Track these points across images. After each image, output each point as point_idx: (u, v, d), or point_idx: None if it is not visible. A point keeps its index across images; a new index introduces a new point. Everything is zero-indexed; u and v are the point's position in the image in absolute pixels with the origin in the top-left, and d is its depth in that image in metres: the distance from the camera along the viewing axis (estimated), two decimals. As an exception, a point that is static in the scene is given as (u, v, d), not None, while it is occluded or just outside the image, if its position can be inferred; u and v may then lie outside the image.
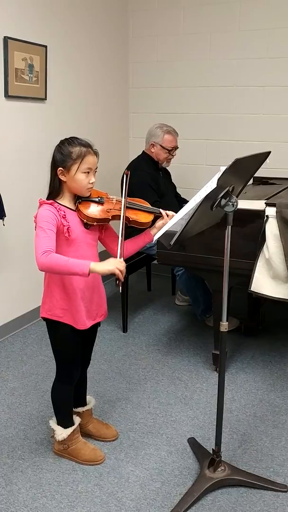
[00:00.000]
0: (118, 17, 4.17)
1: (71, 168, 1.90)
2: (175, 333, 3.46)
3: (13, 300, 3.38)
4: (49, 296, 2.02)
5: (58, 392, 2.18)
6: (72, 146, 1.91)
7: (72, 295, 1.98)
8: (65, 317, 2.01)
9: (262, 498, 2.00)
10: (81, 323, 2.02)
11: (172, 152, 3.59)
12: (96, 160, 1.95)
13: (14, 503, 1.96)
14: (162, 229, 1.99)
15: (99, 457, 2.18)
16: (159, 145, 3.53)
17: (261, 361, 3.06)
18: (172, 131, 3.56)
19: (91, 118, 3.96)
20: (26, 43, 3.13)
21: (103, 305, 2.14)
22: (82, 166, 1.90)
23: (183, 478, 2.10)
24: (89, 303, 2.04)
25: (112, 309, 3.67)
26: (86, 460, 2.17)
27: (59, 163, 1.91)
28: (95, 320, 2.10)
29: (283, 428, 2.43)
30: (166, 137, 3.53)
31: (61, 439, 2.16)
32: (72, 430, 2.17)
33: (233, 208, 1.81)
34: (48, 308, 2.02)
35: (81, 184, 1.93)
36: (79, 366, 2.16)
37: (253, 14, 3.81)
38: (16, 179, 3.25)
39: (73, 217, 1.95)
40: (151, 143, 3.56)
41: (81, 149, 1.90)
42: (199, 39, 4.05)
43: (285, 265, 2.47)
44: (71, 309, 2.00)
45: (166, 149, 3.54)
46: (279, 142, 3.88)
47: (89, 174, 1.93)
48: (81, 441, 2.21)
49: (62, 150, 1.91)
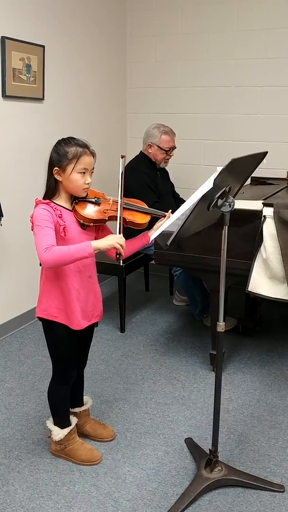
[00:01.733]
0: (116, 17, 4.17)
1: (67, 168, 1.90)
2: (173, 333, 3.46)
3: (10, 300, 3.38)
4: (45, 296, 2.02)
5: (54, 393, 2.17)
6: (69, 146, 1.91)
7: (67, 295, 1.98)
8: (60, 317, 2.01)
9: (259, 498, 2.00)
10: (76, 323, 2.02)
11: (170, 152, 3.58)
12: (92, 160, 1.94)
13: (11, 504, 1.96)
14: (159, 229, 1.99)
15: (96, 457, 2.18)
16: (156, 146, 3.53)
17: (258, 361, 3.06)
18: (169, 132, 3.55)
19: (89, 118, 3.96)
20: (24, 43, 3.13)
21: (99, 306, 2.13)
22: (78, 166, 1.90)
23: (180, 478, 2.10)
24: (84, 304, 2.04)
25: (109, 309, 3.69)
26: (83, 460, 2.16)
27: (55, 162, 1.92)
28: (90, 321, 2.09)
29: (280, 429, 2.43)
30: (163, 138, 3.52)
31: (57, 439, 2.16)
32: (69, 431, 2.17)
33: (229, 209, 1.81)
34: (44, 308, 2.02)
35: (77, 184, 1.92)
36: (75, 366, 2.16)
37: (251, 14, 3.81)
38: (13, 179, 3.25)
39: (70, 217, 1.95)
40: (148, 143, 3.55)
41: (77, 149, 1.90)
42: (197, 39, 4.05)
43: (283, 265, 2.47)
44: (66, 309, 2.00)
45: (164, 149, 3.54)
46: (277, 142, 3.88)
47: (85, 175, 1.93)
48: (78, 442, 2.21)
49: (58, 150, 1.92)
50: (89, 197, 2.00)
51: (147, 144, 3.56)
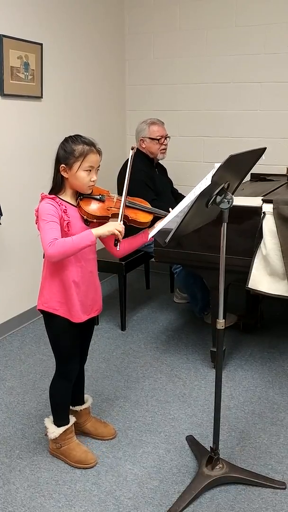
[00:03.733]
0: (114, 14, 4.16)
1: (73, 166, 1.92)
2: (174, 330, 3.45)
3: (11, 299, 3.37)
4: (46, 288, 2.04)
5: (57, 388, 2.17)
6: (75, 144, 1.93)
7: (68, 289, 2.00)
8: (61, 310, 2.02)
9: (261, 496, 1.99)
10: (76, 317, 2.03)
11: (162, 141, 3.55)
12: (98, 158, 1.97)
13: (12, 503, 1.96)
14: (157, 226, 1.98)
15: (90, 460, 2.15)
16: (148, 138, 3.52)
17: (259, 358, 3.06)
18: (156, 121, 3.54)
19: (87, 116, 3.95)
20: (22, 41, 3.12)
21: (99, 300, 2.15)
22: (84, 164, 1.92)
23: (181, 476, 2.10)
24: (84, 298, 2.05)
25: (110, 307, 3.68)
26: (76, 461, 2.15)
27: (61, 160, 1.94)
28: (90, 314, 2.11)
29: (282, 425, 2.42)
30: (152, 128, 3.51)
31: (52, 437, 2.16)
32: (64, 430, 2.16)
33: (228, 205, 1.80)
34: (45, 301, 2.04)
35: (83, 181, 1.95)
36: (77, 360, 2.17)
37: (249, 10, 3.80)
38: (12, 178, 3.24)
39: (74, 212, 1.98)
40: (140, 139, 3.55)
41: (84, 147, 1.92)
42: (195, 36, 4.03)
43: (283, 261, 2.46)
44: (67, 303, 2.01)
45: (155, 139, 3.52)
46: (276, 138, 3.87)
47: (90, 172, 1.95)
48: (74, 442, 2.20)
49: (65, 147, 1.94)
50: (94, 194, 2.02)
51: (140, 140, 3.56)
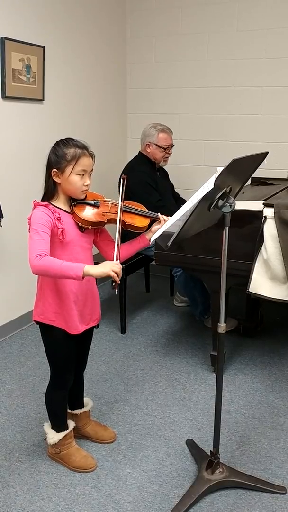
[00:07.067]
0: (116, 18, 4.17)
1: (65, 170, 1.87)
2: (174, 334, 3.45)
3: (10, 302, 3.37)
4: (42, 299, 1.99)
5: (52, 397, 2.15)
6: (67, 147, 1.88)
7: (65, 299, 1.95)
8: (57, 321, 1.98)
9: (261, 500, 1.99)
10: (73, 328, 1.99)
11: (168, 150, 3.57)
12: (91, 162, 1.92)
13: (11, 506, 1.95)
14: (160, 230, 1.97)
15: (89, 465, 2.14)
16: (155, 145, 3.52)
17: (259, 362, 3.05)
18: (166, 129, 3.55)
19: (89, 119, 3.96)
20: (24, 43, 3.12)
21: (97, 309, 2.11)
22: (76, 168, 1.87)
23: (181, 480, 2.09)
24: (82, 307, 2.01)
25: (110, 311, 3.68)
26: (76, 467, 2.14)
27: (53, 164, 1.89)
28: (88, 324, 2.07)
29: (282, 430, 2.42)
30: (161, 136, 3.52)
31: (52, 443, 2.14)
32: (64, 435, 2.15)
33: (230, 209, 1.80)
34: (41, 312, 2.00)
35: (75, 186, 1.90)
36: (72, 371, 2.13)
37: (250, 14, 3.81)
38: (13, 181, 3.24)
39: (68, 219, 1.93)
40: (146, 143, 3.55)
41: (75, 150, 1.87)
42: (197, 40, 4.04)
43: (283, 266, 2.46)
44: (63, 313, 1.97)
45: (162, 147, 3.53)
46: (277, 142, 3.87)
47: (83, 176, 1.90)
48: (74, 447, 2.19)
49: (56, 151, 1.89)
50: (88, 199, 1.97)
51: (145, 144, 3.55)
